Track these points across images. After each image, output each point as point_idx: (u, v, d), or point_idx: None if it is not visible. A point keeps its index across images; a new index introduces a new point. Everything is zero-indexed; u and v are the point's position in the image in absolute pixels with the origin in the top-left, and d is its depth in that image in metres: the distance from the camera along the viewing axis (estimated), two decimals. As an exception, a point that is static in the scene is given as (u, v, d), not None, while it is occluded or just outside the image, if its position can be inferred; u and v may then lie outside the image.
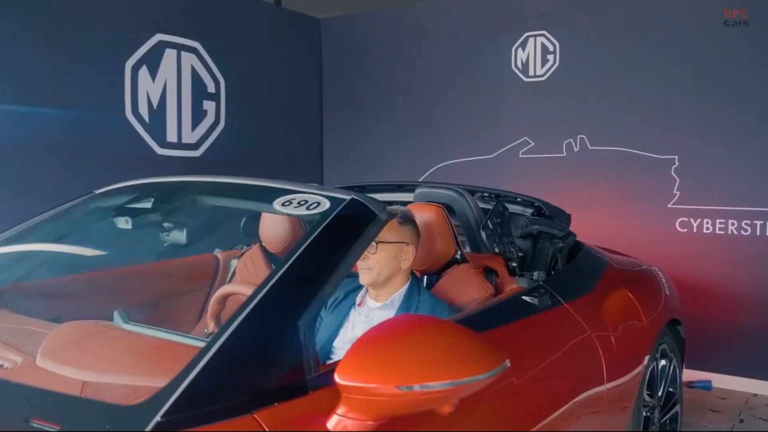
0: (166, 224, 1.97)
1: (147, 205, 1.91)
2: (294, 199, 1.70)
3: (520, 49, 4.72)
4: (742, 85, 4.01)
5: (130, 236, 2.22)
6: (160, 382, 1.17)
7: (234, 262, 2.89)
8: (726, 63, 4.05)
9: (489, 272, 2.39)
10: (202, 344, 1.27)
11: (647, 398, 2.56)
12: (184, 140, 4.65)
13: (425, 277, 2.38)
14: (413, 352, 1.21)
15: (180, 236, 1.93)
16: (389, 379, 1.17)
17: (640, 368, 2.39)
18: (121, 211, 1.92)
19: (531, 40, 4.67)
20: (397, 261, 2.08)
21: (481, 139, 4.87)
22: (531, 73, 4.69)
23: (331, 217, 1.59)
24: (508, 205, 2.50)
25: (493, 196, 2.58)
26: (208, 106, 4.82)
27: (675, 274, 3.98)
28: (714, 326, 4.14)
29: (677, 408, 2.89)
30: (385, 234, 2.04)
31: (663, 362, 2.75)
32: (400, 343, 1.23)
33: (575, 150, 4.52)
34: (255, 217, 2.58)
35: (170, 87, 4.54)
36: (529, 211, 2.61)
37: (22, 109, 3.73)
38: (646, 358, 2.46)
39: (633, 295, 2.53)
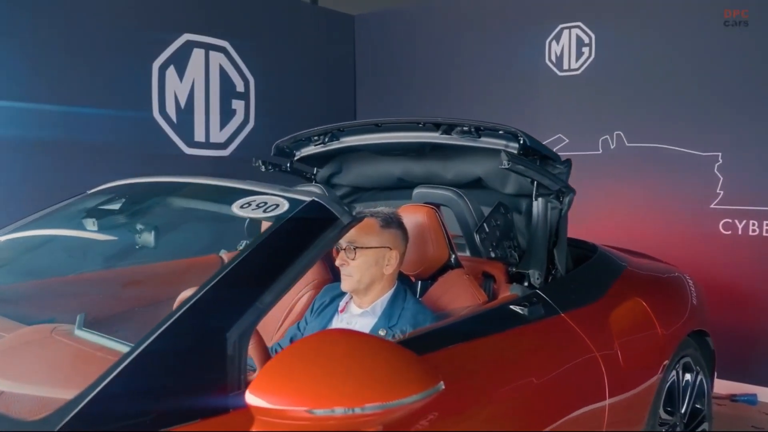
0: (138, 226, 1.91)
1: (116, 206, 1.87)
2: (254, 201, 1.62)
3: (554, 42, 4.51)
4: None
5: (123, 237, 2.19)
6: (72, 396, 1.10)
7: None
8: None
9: (488, 278, 2.26)
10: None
11: (665, 416, 2.37)
12: (212, 140, 4.65)
13: (420, 282, 2.27)
14: (334, 371, 1.11)
15: (149, 238, 1.88)
16: (303, 401, 1.07)
17: (652, 383, 2.20)
18: (92, 213, 1.88)
19: (566, 32, 4.46)
20: (378, 267, 1.97)
21: (513, 137, 4.68)
22: (565, 66, 4.48)
23: (284, 220, 1.50)
24: (487, 140, 2.20)
25: (472, 129, 2.21)
26: (237, 105, 4.81)
27: (717, 279, 3.75)
28: (761, 336, 3.85)
29: (705, 426, 2.67)
30: (365, 239, 1.95)
31: (687, 376, 2.54)
32: (321, 361, 1.12)
33: (612, 147, 4.29)
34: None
35: (198, 86, 4.55)
36: (513, 146, 2.17)
37: (51, 108, 3.79)
38: (661, 372, 2.26)
39: (648, 303, 2.33)
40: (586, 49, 4.38)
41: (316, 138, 2.59)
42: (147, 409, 1.11)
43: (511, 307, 1.87)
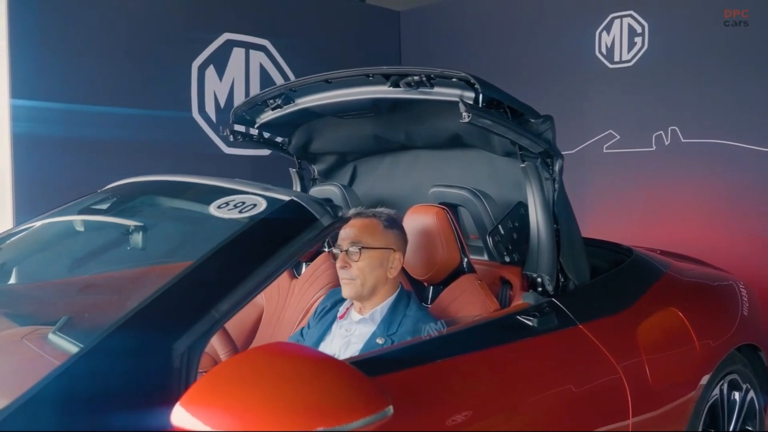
0: (130, 227, 1.85)
1: (104, 206, 1.81)
2: (233, 200, 1.53)
3: (604, 33, 4.26)
4: None
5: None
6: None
7: (260, 265, 2.78)
8: None
9: (505, 284, 2.10)
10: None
11: (705, 437, 2.15)
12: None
13: (431, 287, 2.13)
14: (269, 390, 0.99)
15: (138, 239, 1.81)
16: (232, 423, 0.96)
17: (686, 401, 1.99)
18: (85, 212, 1.84)
19: (617, 21, 4.20)
20: (383, 269, 1.86)
21: (561, 133, 4.34)
22: (617, 58, 4.22)
23: (256, 221, 1.40)
24: (441, 90, 1.90)
25: (423, 77, 1.87)
26: (278, 104, 4.77)
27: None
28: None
29: (757, 448, 2.42)
30: (369, 239, 1.85)
31: (735, 395, 2.31)
32: (258, 379, 1.01)
33: (666, 143, 4.02)
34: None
35: (238, 86, 4.54)
36: (468, 95, 1.84)
37: (92, 109, 3.85)
38: (699, 389, 2.05)
39: (685, 313, 2.11)
40: (638, 39, 4.12)
41: (271, 101, 2.38)
42: (75, 426, 1.03)
43: (519, 317, 1.71)
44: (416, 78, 1.87)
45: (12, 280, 1.88)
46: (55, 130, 3.72)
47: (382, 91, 2.01)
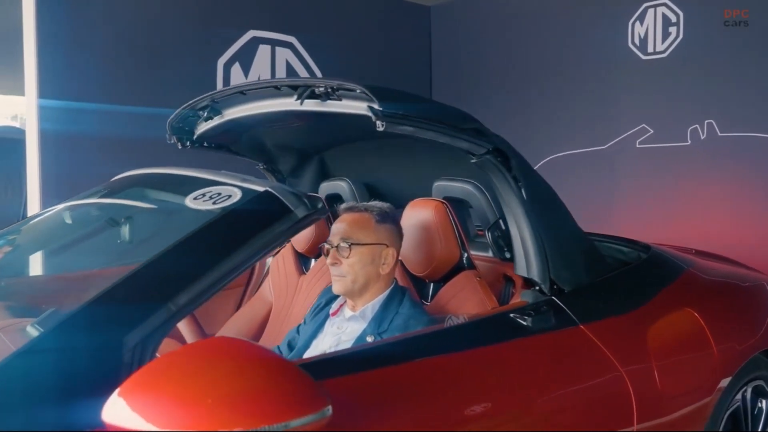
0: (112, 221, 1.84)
1: (93, 200, 1.80)
2: (209, 191, 1.49)
3: (637, 23, 4.09)
4: None
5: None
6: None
7: (270, 260, 2.77)
8: None
9: (509, 282, 2.02)
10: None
11: (726, 447, 2.01)
12: (278, 136, 4.62)
13: (432, 284, 2.06)
14: (209, 385, 0.94)
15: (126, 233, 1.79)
16: (167, 418, 0.92)
17: (700, 408, 1.86)
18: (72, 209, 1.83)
19: (650, 11, 4.03)
20: (374, 266, 1.80)
21: (593, 128, 4.31)
22: (650, 49, 4.05)
23: (226, 212, 1.36)
24: (349, 103, 1.72)
25: (328, 89, 1.70)
26: (304, 101, 4.74)
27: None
28: None
29: (788, 461, 2.26)
30: (360, 235, 1.79)
31: (762, 402, 2.16)
32: (197, 373, 0.96)
33: (702, 137, 3.84)
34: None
35: (264, 83, 4.53)
36: (376, 107, 1.61)
37: (118, 109, 3.89)
38: (718, 393, 1.92)
39: (702, 315, 1.98)
40: (673, 29, 3.94)
41: (200, 112, 2.26)
42: (12, 422, 1.00)
43: (512, 315, 1.62)
44: (321, 89, 1.72)
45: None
46: (81, 129, 3.76)
47: (294, 104, 1.85)
